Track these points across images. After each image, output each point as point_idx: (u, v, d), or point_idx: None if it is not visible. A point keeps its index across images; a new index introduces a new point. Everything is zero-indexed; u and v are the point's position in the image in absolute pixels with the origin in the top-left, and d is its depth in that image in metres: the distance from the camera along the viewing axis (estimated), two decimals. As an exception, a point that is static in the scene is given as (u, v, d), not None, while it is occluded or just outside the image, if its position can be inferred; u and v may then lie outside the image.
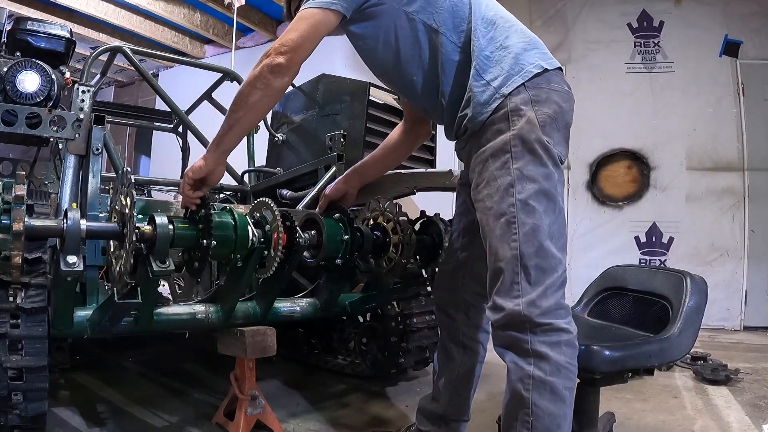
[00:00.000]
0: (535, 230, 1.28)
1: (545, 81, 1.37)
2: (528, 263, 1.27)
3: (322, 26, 1.40)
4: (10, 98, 1.71)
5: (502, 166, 1.32)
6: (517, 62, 1.37)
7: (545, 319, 1.26)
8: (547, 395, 1.25)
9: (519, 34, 1.43)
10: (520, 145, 1.31)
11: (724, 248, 4.56)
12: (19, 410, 1.44)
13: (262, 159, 3.22)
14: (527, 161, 1.31)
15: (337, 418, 2.20)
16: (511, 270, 1.28)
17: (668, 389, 2.70)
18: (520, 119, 1.33)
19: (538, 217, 1.29)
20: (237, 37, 5.78)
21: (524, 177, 1.30)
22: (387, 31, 1.44)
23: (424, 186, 2.18)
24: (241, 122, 1.45)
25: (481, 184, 1.37)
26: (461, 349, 1.66)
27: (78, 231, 1.23)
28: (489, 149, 1.35)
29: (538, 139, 1.32)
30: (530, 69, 1.36)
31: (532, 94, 1.34)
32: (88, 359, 2.84)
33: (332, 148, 2.58)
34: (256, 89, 1.40)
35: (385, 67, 1.52)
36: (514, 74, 1.36)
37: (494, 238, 1.32)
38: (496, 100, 1.35)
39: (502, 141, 1.33)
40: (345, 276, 1.92)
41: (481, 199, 1.37)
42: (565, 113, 1.39)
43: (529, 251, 1.28)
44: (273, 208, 1.57)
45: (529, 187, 1.30)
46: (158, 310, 1.64)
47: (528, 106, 1.33)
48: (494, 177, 1.33)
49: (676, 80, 4.76)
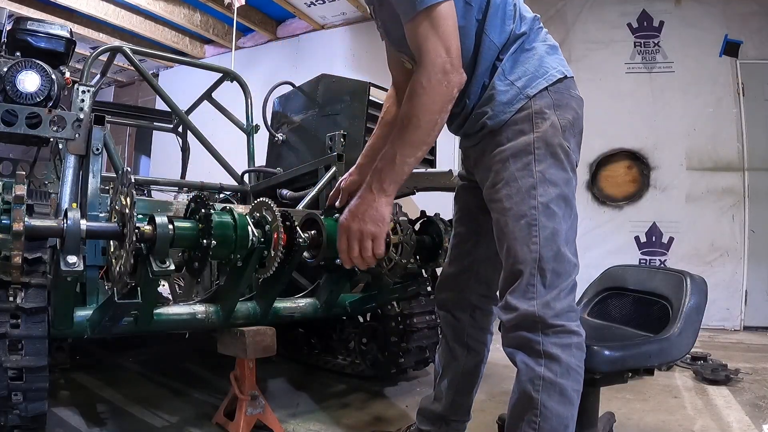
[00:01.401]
0: (554, 234, 1.28)
1: (565, 87, 1.38)
2: (546, 267, 1.27)
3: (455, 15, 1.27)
4: (10, 98, 1.71)
5: (524, 167, 1.31)
6: (541, 65, 1.37)
7: (558, 320, 1.26)
8: (556, 397, 1.25)
9: (542, 38, 1.43)
10: (543, 148, 1.31)
11: (724, 248, 4.56)
12: (19, 410, 1.44)
13: (262, 159, 3.22)
14: (549, 165, 1.31)
15: (337, 418, 2.20)
16: (528, 272, 1.28)
17: (668, 389, 2.70)
18: (544, 122, 1.32)
19: (557, 222, 1.29)
20: (237, 37, 5.79)
21: (546, 180, 1.30)
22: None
23: (424, 186, 2.18)
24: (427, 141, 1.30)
25: (499, 184, 1.35)
26: (465, 350, 1.65)
27: (78, 231, 1.22)
28: (510, 149, 1.34)
29: (560, 143, 1.32)
30: (553, 73, 1.36)
31: (554, 99, 1.34)
32: (88, 359, 2.84)
33: (332, 148, 2.58)
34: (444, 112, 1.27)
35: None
36: (538, 77, 1.35)
37: (513, 239, 1.31)
38: (520, 101, 1.34)
39: (524, 142, 1.32)
40: (345, 276, 1.92)
41: (499, 199, 1.35)
42: (580, 120, 1.41)
43: (548, 255, 1.27)
44: (273, 208, 1.57)
45: (551, 191, 1.30)
46: (158, 310, 1.64)
47: (551, 110, 1.33)
48: (515, 177, 1.32)
49: (676, 80, 4.76)
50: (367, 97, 2.62)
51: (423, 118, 1.25)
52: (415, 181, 2.15)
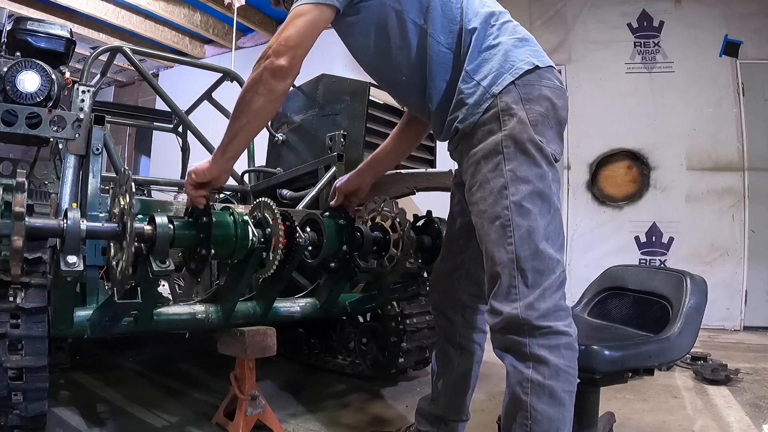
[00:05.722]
0: (530, 232, 1.27)
1: (536, 78, 1.34)
2: (525, 266, 1.26)
3: (320, 22, 1.36)
4: (10, 98, 1.71)
5: (494, 168, 1.30)
6: (506, 59, 1.34)
7: (544, 322, 1.25)
8: (546, 399, 1.25)
9: (510, 32, 1.40)
10: (512, 145, 1.29)
11: (724, 248, 4.56)
12: (19, 410, 1.45)
13: (262, 159, 3.22)
14: (520, 162, 1.29)
15: (337, 418, 2.20)
16: (508, 274, 1.27)
17: (668, 389, 2.70)
18: (512, 119, 1.30)
19: (533, 219, 1.27)
20: (237, 37, 5.78)
21: (517, 178, 1.28)
22: (377, 28, 1.41)
23: (424, 186, 2.18)
24: (246, 129, 1.40)
25: (474, 187, 1.35)
26: (458, 351, 1.65)
27: (78, 231, 1.22)
28: (480, 151, 1.33)
29: (530, 138, 1.29)
30: (520, 66, 1.33)
31: (522, 93, 1.32)
32: (88, 359, 2.84)
33: (332, 148, 2.58)
34: (259, 95, 1.34)
35: (374, 66, 1.50)
36: (504, 72, 1.33)
37: (490, 241, 1.31)
38: (487, 101, 1.32)
39: (493, 142, 1.31)
40: (345, 276, 1.92)
41: (475, 201, 1.35)
42: (558, 110, 1.36)
43: (526, 254, 1.26)
44: (273, 208, 1.57)
45: (523, 189, 1.28)
46: (158, 310, 1.64)
47: (519, 104, 1.31)
48: (487, 179, 1.31)
49: (676, 80, 4.76)
50: (367, 97, 2.61)
51: (237, 105, 1.37)
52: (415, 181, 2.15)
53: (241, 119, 1.38)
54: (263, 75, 1.33)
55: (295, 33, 1.33)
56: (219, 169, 1.44)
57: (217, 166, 1.43)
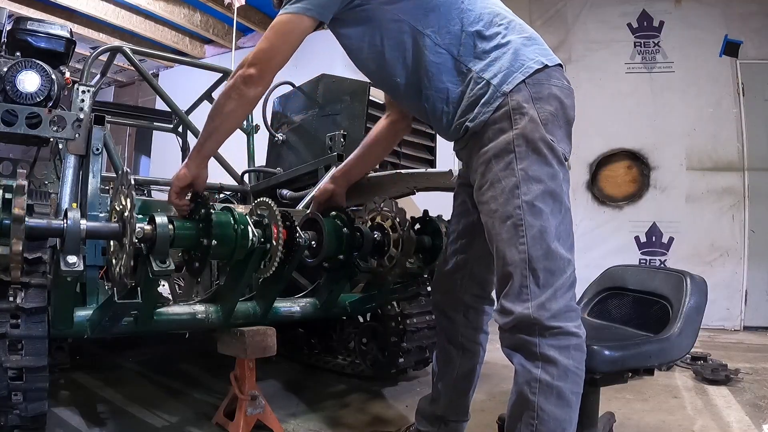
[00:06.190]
0: (542, 232, 1.26)
1: (546, 77, 1.34)
2: (537, 266, 1.25)
3: (296, 33, 1.40)
4: (10, 98, 1.71)
5: (506, 167, 1.29)
6: (516, 58, 1.34)
7: (555, 322, 1.25)
8: (554, 399, 1.24)
9: (518, 30, 1.40)
10: (524, 144, 1.28)
11: (724, 248, 4.56)
12: (19, 410, 1.45)
13: (262, 159, 3.22)
14: (532, 161, 1.28)
15: (337, 418, 2.20)
16: (519, 274, 1.26)
17: (668, 389, 2.70)
18: (523, 118, 1.29)
19: (545, 219, 1.27)
20: (237, 37, 5.78)
21: (529, 178, 1.27)
22: (373, 31, 1.42)
23: (424, 186, 2.18)
24: (219, 130, 1.47)
25: (485, 186, 1.34)
26: (460, 351, 1.65)
27: (78, 231, 1.22)
28: (492, 149, 1.32)
29: (542, 137, 1.29)
30: (530, 65, 1.33)
31: (533, 92, 1.31)
32: (88, 359, 2.84)
33: (332, 148, 2.58)
34: (231, 99, 1.42)
35: (370, 68, 1.51)
36: (514, 71, 1.32)
37: (501, 241, 1.30)
38: (497, 99, 1.32)
39: (504, 141, 1.30)
40: (345, 276, 1.92)
41: (486, 201, 1.34)
42: (566, 109, 1.36)
43: (538, 254, 1.26)
44: (273, 208, 1.57)
45: (535, 188, 1.27)
46: (158, 310, 1.64)
47: (530, 103, 1.30)
48: (498, 178, 1.30)
49: (676, 80, 4.76)
50: (367, 97, 2.62)
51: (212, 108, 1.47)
52: (415, 181, 2.15)
53: (214, 121, 1.46)
54: (236, 81, 1.42)
55: (267, 46, 1.41)
56: (196, 168, 1.48)
57: (194, 164, 1.48)
